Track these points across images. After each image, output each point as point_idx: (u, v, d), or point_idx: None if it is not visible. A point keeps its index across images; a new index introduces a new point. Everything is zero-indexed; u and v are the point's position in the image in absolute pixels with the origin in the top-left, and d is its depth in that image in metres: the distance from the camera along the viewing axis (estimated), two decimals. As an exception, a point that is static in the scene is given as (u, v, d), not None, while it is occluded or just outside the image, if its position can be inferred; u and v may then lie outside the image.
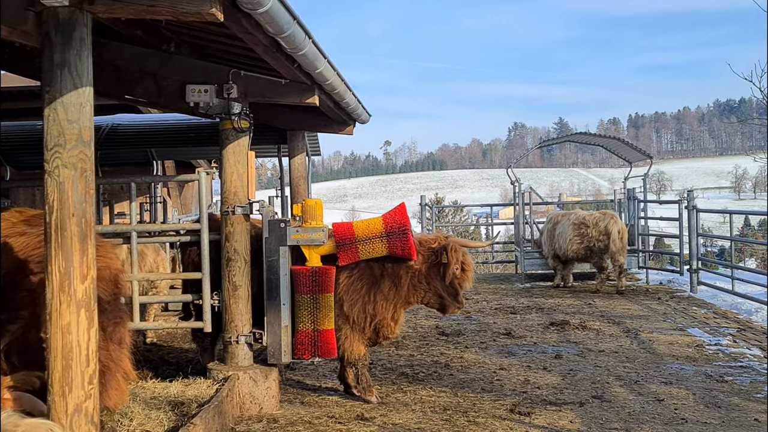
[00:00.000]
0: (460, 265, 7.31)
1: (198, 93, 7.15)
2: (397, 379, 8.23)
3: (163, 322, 9.19)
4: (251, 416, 6.90)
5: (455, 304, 7.38)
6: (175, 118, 11.87)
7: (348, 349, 7.33)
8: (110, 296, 4.98)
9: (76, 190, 4.11)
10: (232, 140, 7.31)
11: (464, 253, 7.38)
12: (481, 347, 9.94)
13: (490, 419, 6.71)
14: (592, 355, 9.30)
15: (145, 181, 12.71)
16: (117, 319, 4.98)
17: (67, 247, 4.13)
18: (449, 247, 7.26)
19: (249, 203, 7.35)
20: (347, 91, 8.23)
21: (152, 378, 7.35)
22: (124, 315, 5.26)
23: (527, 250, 17.40)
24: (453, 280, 7.28)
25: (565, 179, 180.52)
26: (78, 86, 4.12)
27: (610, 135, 20.41)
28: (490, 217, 22.72)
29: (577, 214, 15.84)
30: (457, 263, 7.26)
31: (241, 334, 7.26)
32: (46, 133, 4.13)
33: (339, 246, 7.19)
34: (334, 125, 10.31)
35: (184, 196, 18.77)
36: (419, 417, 6.82)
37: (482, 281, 17.39)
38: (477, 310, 13.13)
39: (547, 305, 13.45)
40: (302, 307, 7.10)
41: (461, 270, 7.30)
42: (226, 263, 7.27)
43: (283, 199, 12.23)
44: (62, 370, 4.18)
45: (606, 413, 6.93)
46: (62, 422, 4.16)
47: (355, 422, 6.65)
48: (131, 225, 7.54)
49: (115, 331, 4.97)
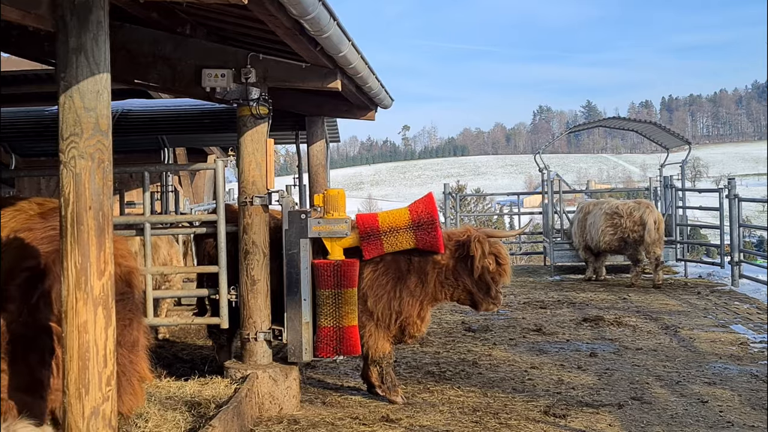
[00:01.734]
0: (493, 258, 7.25)
1: (215, 77, 7.13)
2: (423, 378, 8.23)
3: (178, 317, 9.21)
4: (271, 417, 6.91)
5: (488, 300, 7.31)
6: (188, 104, 11.89)
7: (372, 346, 7.32)
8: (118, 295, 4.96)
9: (93, 181, 4.10)
10: (250, 127, 7.30)
11: (495, 245, 7.31)
12: (511, 344, 9.91)
13: (523, 421, 6.69)
14: (629, 354, 9.25)
15: (159, 169, 12.75)
16: (126, 320, 4.96)
17: (84, 241, 4.11)
18: (473, 238, 7.22)
19: (268, 193, 7.35)
20: (371, 74, 8.20)
21: (166, 377, 7.38)
22: (138, 315, 5.26)
23: (556, 240, 17.32)
24: (484, 274, 7.23)
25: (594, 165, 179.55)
26: (95, 72, 4.10)
27: (643, 119, 20.25)
28: (517, 206, 22.63)
29: (610, 203, 15.74)
30: (484, 256, 7.21)
31: (259, 331, 7.27)
32: (61, 122, 4.12)
33: (363, 238, 7.17)
34: (356, 110, 10.29)
35: (196, 185, 18.81)
36: (447, 418, 6.81)
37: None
38: (504, 304, 13.07)
39: (578, 300, 13.40)
40: (324, 303, 7.09)
41: (496, 263, 7.25)
42: (244, 256, 7.28)
43: (301, 187, 12.23)
44: (78, 371, 4.17)
45: (646, 415, 6.88)
46: (78, 425, 4.16)
47: (380, 424, 6.65)
48: (145, 216, 7.55)
49: (126, 333, 4.96)
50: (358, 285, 7.20)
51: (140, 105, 12.48)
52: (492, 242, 7.30)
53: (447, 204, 19.72)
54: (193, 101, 11.56)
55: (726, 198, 15.18)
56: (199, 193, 18.59)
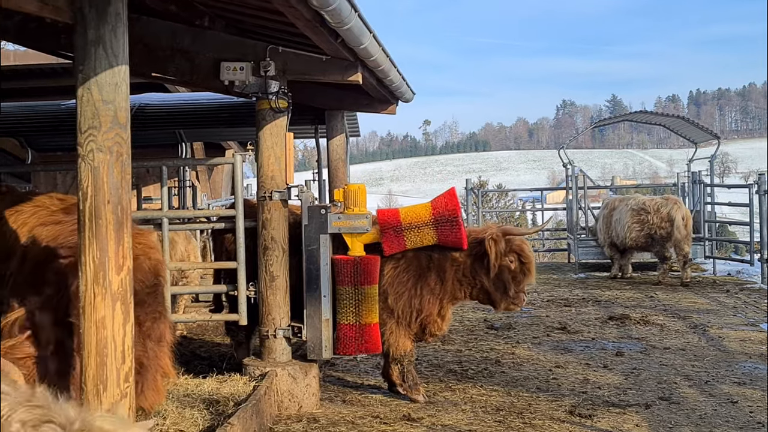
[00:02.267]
0: (515, 257, 7.20)
1: (233, 71, 7.15)
2: (444, 377, 8.22)
3: (196, 314, 9.27)
4: (290, 415, 6.93)
5: (506, 300, 7.25)
6: (206, 98, 11.92)
7: (393, 344, 7.31)
8: (149, 288, 5.00)
9: (111, 175, 4.12)
10: (269, 121, 7.32)
11: (517, 242, 7.24)
12: (534, 342, 9.89)
13: (547, 421, 6.66)
14: (656, 353, 9.20)
15: (177, 164, 12.79)
16: (156, 313, 5.00)
17: (102, 236, 4.14)
18: (487, 236, 7.16)
19: (287, 188, 7.36)
20: (392, 67, 8.18)
21: (184, 374, 7.41)
22: (163, 309, 5.29)
23: (581, 237, 17.24)
24: (502, 274, 7.17)
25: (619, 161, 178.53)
26: (113, 65, 4.13)
27: (670, 113, 20.13)
28: (541, 201, 22.54)
29: (637, 199, 15.66)
30: (503, 255, 7.14)
31: (279, 328, 7.28)
32: (79, 115, 4.14)
33: (384, 234, 7.16)
34: (376, 104, 10.27)
35: (213, 180, 18.89)
36: (470, 418, 6.80)
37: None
38: (528, 302, 13.00)
39: (604, 297, 13.34)
40: (344, 300, 7.09)
41: (519, 262, 7.21)
42: (263, 252, 7.29)
43: (321, 182, 12.23)
44: (96, 367, 4.20)
45: (675, 416, 6.84)
46: (96, 421, 4.19)
47: (401, 423, 6.64)
48: (162, 211, 7.58)
49: (154, 327, 4.99)
50: (379, 282, 7.19)
51: (157, 99, 12.52)
52: (514, 240, 7.24)
53: (469, 200, 19.68)
54: (211, 95, 11.58)
55: (756, 194, 15.06)
56: (216, 189, 18.67)
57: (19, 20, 7.25)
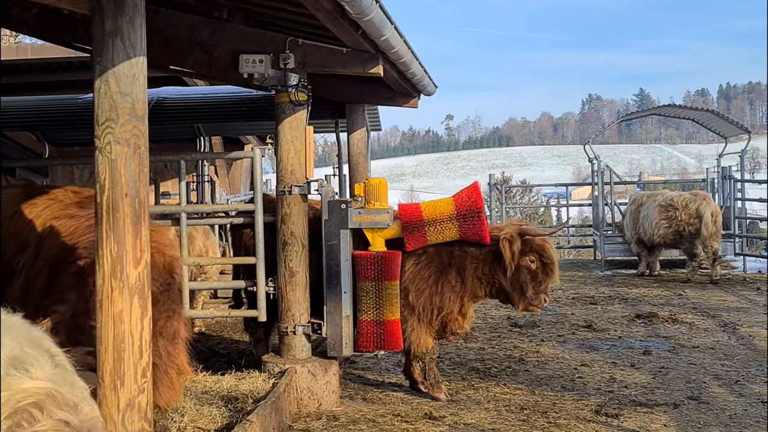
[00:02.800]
0: (536, 257, 7.14)
1: (252, 63, 7.17)
2: (467, 375, 8.21)
3: (214, 310, 9.28)
4: (310, 413, 6.95)
5: (524, 301, 7.19)
6: (225, 91, 11.96)
7: (414, 341, 7.31)
8: (162, 285, 5.02)
9: (129, 167, 4.14)
10: (289, 114, 7.33)
11: (538, 241, 7.17)
12: (559, 341, 9.86)
13: (573, 421, 6.64)
14: (685, 352, 9.14)
15: (195, 158, 12.82)
16: (170, 311, 5.02)
17: (120, 229, 4.15)
18: (501, 236, 7.11)
19: (307, 182, 7.37)
20: (414, 60, 8.17)
21: (202, 371, 7.45)
22: (178, 307, 5.31)
23: (607, 234, 17.16)
24: (520, 275, 7.11)
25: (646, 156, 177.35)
26: (131, 56, 4.14)
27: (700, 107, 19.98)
28: (566, 198, 22.45)
29: (665, 194, 15.58)
30: (519, 255, 7.07)
31: (298, 324, 7.30)
32: (96, 107, 4.16)
33: (405, 229, 7.16)
34: (398, 98, 10.26)
35: (232, 175, 18.94)
36: (493, 416, 6.79)
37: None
38: (552, 299, 12.97)
39: (631, 295, 13.28)
40: (365, 296, 7.10)
41: (540, 262, 7.15)
42: (282, 247, 7.31)
43: (341, 177, 12.24)
44: (113, 362, 4.21)
45: (704, 416, 6.79)
46: (113, 418, 4.21)
47: (423, 421, 6.64)
48: (181, 206, 7.62)
49: (167, 325, 5.01)
50: (401, 278, 7.19)
51: (175, 93, 12.57)
52: (535, 239, 7.16)
53: (492, 196, 19.65)
54: (230, 89, 11.62)
55: (788, 189, 14.91)
56: (235, 184, 18.72)
57: (36, 12, 7.32)
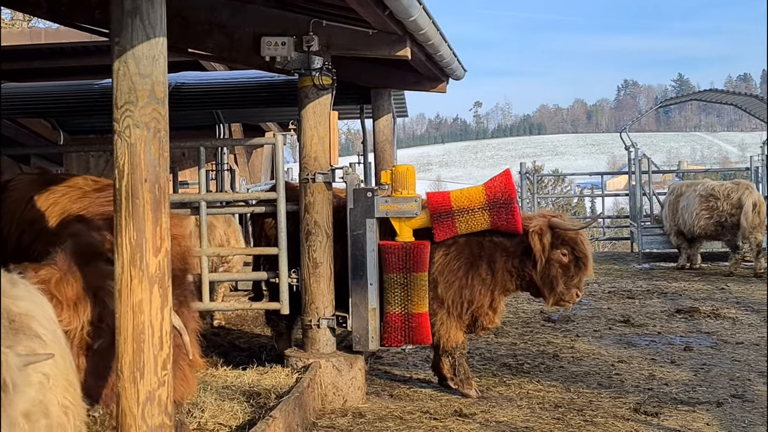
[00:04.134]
0: (569, 250, 7.08)
1: (275, 46, 7.17)
2: (498, 371, 8.21)
3: (235, 303, 9.35)
4: (334, 410, 6.97)
5: (554, 296, 7.16)
6: (245, 76, 11.99)
7: (444, 335, 7.31)
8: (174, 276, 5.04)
9: (148, 152, 4.15)
10: (313, 99, 7.34)
11: (568, 234, 7.10)
12: (595, 336, 9.83)
13: (610, 419, 6.62)
14: (728, 348, 9.09)
15: (215, 145, 12.87)
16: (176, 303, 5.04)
17: (139, 216, 4.17)
18: (531, 228, 7.07)
19: (331, 170, 7.38)
20: (442, 42, 8.15)
21: (223, 365, 7.50)
22: (189, 296, 5.34)
23: (645, 225, 17.06)
24: (550, 269, 7.07)
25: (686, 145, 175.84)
26: (150, 36, 4.15)
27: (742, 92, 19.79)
28: (601, 188, 22.31)
29: (705, 184, 15.47)
30: (550, 248, 7.04)
31: (322, 318, 7.32)
32: (115, 90, 4.18)
33: (434, 218, 7.15)
34: (425, 82, 10.25)
35: (252, 164, 19.00)
36: (526, 414, 6.78)
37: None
38: (587, 293, 12.93)
39: (670, 289, 13.22)
40: (392, 288, 7.10)
41: (573, 256, 7.09)
42: (306, 237, 7.33)
43: (366, 165, 12.24)
44: (133, 354, 4.24)
45: (748, 415, 6.74)
46: (133, 411, 4.24)
47: (453, 419, 6.65)
48: (200, 194, 7.65)
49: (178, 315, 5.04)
50: (429, 269, 7.18)
51: (194, 78, 12.62)
52: (567, 232, 7.11)
53: (523, 186, 19.57)
54: (250, 73, 11.65)
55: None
56: (255, 173, 18.78)
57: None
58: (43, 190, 5.72)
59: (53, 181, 5.85)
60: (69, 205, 5.53)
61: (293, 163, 23.41)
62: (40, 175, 6.21)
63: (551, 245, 7.07)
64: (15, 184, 6.17)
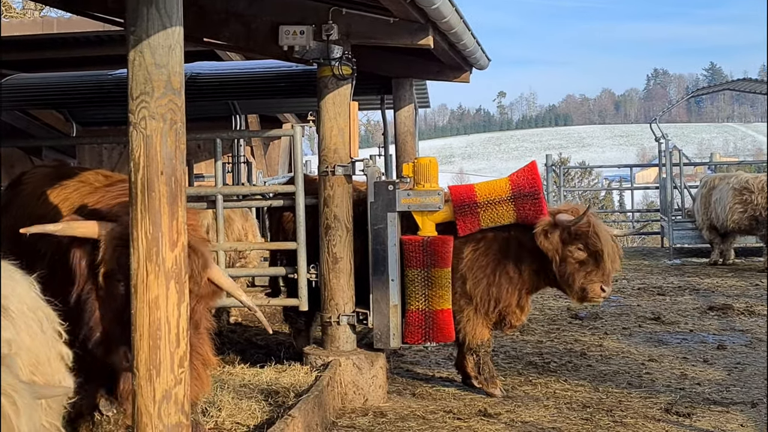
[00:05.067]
0: (584, 246, 6.98)
1: (293, 35, 7.18)
2: (524, 370, 8.21)
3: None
4: (355, 409, 6.99)
5: (573, 294, 7.10)
6: (262, 66, 12.01)
7: (469, 332, 7.31)
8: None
9: (165, 144, 4.17)
10: (332, 89, 7.35)
11: (581, 228, 6.95)
12: (624, 334, 9.81)
13: (640, 420, 6.60)
14: (763, 346, 9.04)
15: (231, 136, 12.89)
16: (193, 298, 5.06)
17: (155, 209, 4.19)
18: (535, 229, 6.98)
19: (351, 162, 7.39)
20: (466, 30, 8.14)
21: (240, 363, 7.54)
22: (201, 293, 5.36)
23: (676, 219, 16.99)
24: (568, 265, 6.98)
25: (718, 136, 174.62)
26: (167, 26, 4.17)
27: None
28: (630, 180, 22.20)
29: (739, 177, 15.38)
30: (558, 248, 6.94)
31: (342, 314, 7.33)
32: (130, 80, 4.19)
33: (457, 212, 7.14)
34: (448, 72, 10.24)
35: (269, 156, 19.05)
36: (553, 414, 6.77)
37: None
38: (616, 289, 12.89)
39: (703, 286, 13.17)
40: (413, 284, 7.11)
41: (587, 250, 6.95)
42: (325, 231, 7.34)
43: (387, 158, 12.25)
44: (149, 351, 4.26)
45: (784, 416, 6.71)
46: (149, 410, 4.26)
47: (477, 419, 6.65)
48: (217, 187, 7.68)
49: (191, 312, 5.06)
50: (457, 265, 7.17)
51: (209, 68, 12.65)
52: (580, 226, 6.97)
53: (549, 178, 19.54)
54: (267, 63, 11.67)
55: None
56: (272, 165, 18.83)
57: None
58: (56, 185, 5.76)
59: (67, 175, 5.88)
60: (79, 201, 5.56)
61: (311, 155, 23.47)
62: (56, 168, 6.24)
63: (563, 241, 6.99)
64: (29, 178, 6.22)
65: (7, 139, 12.38)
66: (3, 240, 5.57)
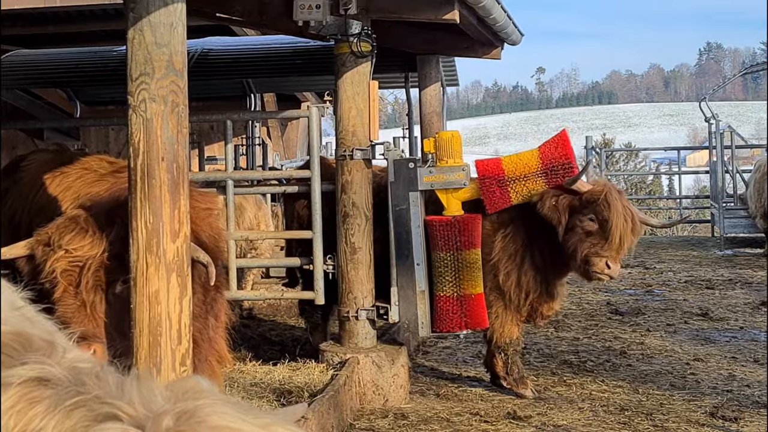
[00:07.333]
0: (594, 217, 6.87)
1: (308, 9, 7.16)
2: (557, 369, 8.20)
3: (266, 291, 9.42)
4: (374, 410, 7.01)
5: (576, 267, 7.04)
6: (278, 42, 12.04)
7: (498, 329, 7.29)
8: None
9: (166, 128, 4.19)
10: (350, 67, 7.34)
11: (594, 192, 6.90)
12: (668, 331, 9.77)
13: (683, 424, 6.59)
14: (818, 346, 8.97)
15: (244, 118, 12.94)
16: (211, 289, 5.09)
17: (156, 197, 4.22)
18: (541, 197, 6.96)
19: (371, 145, 7.38)
20: (495, 4, 8.11)
21: (252, 360, 7.58)
22: (221, 284, 5.39)
23: (728, 206, 16.86)
24: (574, 235, 6.91)
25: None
26: (168, 2, 4.18)
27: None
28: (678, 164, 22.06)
29: (797, 160, 15.23)
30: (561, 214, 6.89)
31: (361, 308, 7.34)
32: (130, 60, 4.22)
33: (484, 188, 7.09)
34: (477, 47, 10.21)
35: (287, 138, 19.11)
36: (588, 418, 6.77)
37: (666, 246, 17.04)
38: (661, 282, 12.86)
39: (756, 279, 13.08)
40: (440, 268, 7.08)
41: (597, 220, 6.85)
42: (343, 220, 7.35)
43: (412, 140, 12.25)
44: (149, 348, 4.29)
45: (839, 421, 6.66)
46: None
47: (505, 422, 6.67)
48: (227, 172, 7.71)
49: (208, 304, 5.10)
50: (488, 255, 7.14)
51: (222, 44, 12.71)
52: (594, 192, 6.92)
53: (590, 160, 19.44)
54: (283, 38, 11.69)
55: None
56: (290, 147, 18.89)
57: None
58: (57, 172, 5.80)
59: (68, 161, 5.93)
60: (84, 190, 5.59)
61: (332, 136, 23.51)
62: (57, 153, 6.29)
63: (572, 209, 6.94)
64: (28, 165, 6.27)
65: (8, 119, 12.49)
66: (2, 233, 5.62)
